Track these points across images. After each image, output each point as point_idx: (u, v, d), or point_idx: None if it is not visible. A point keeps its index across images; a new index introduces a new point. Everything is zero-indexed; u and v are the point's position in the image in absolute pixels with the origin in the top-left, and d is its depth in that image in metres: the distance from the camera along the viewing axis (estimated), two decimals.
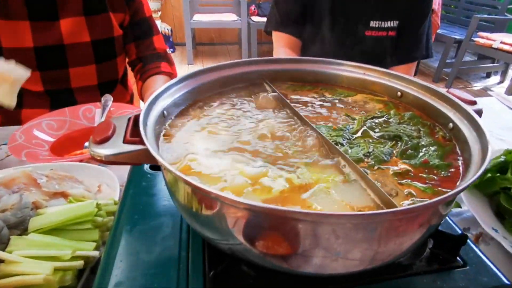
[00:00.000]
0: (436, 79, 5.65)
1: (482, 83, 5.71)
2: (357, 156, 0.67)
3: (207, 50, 6.90)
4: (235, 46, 7.03)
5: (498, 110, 1.67)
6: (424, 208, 0.45)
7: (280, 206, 0.55)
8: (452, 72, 5.35)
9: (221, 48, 7.02)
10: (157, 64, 1.72)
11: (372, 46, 1.73)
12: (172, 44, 6.54)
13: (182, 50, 6.42)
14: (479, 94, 5.27)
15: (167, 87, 0.76)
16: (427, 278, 0.63)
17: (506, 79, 5.55)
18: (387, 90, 0.90)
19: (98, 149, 0.58)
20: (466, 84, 5.64)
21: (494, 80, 5.78)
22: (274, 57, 0.97)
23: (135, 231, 0.71)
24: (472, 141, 0.65)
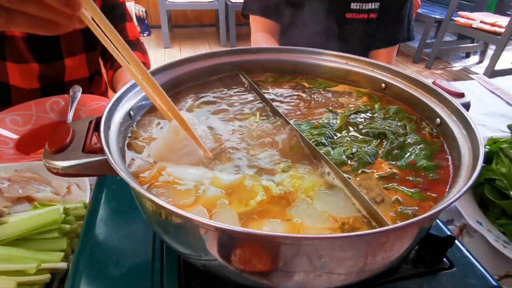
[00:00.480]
0: (416, 59, 5.66)
1: (461, 63, 5.74)
2: (341, 159, 0.62)
3: (184, 32, 6.72)
4: (213, 28, 6.87)
5: (480, 94, 1.66)
6: (410, 225, 0.40)
7: (258, 219, 0.50)
8: (432, 52, 5.36)
9: (198, 30, 6.85)
10: None
11: (353, 29, 1.68)
12: (147, 27, 6.33)
13: (158, 33, 6.22)
14: (459, 74, 5.31)
15: (132, 85, 0.69)
16: (413, 283, 0.61)
17: (485, 58, 5.59)
18: (371, 81, 0.86)
19: (54, 160, 0.52)
20: (446, 65, 5.66)
21: (474, 60, 5.83)
22: (250, 47, 0.91)
23: (105, 241, 0.66)
24: (461, 139, 0.62)
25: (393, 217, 0.52)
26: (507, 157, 0.91)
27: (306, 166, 0.62)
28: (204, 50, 5.95)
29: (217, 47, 6.20)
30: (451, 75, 5.29)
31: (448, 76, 5.25)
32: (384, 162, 0.64)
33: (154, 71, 0.76)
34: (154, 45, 6.07)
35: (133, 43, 1.66)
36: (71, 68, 1.49)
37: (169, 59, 4.95)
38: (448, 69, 5.52)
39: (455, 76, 5.27)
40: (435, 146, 0.67)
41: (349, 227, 0.50)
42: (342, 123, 0.73)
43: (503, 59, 4.52)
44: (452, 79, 5.15)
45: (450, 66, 5.63)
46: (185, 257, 0.58)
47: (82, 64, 1.53)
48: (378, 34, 1.73)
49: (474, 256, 0.82)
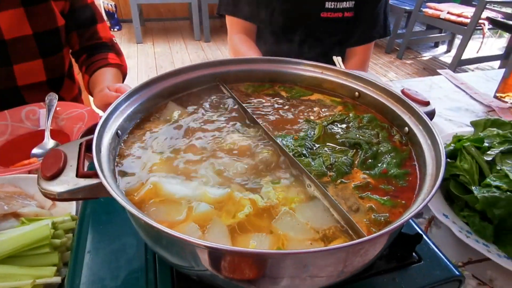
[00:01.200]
0: (388, 50, 5.81)
1: (431, 52, 5.93)
2: (321, 170, 0.67)
3: (157, 26, 6.62)
4: (186, 22, 6.80)
5: (447, 89, 1.74)
6: (380, 236, 0.46)
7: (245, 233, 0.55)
8: (403, 43, 5.52)
9: (171, 24, 6.76)
10: (103, 56, 1.59)
11: (328, 28, 1.72)
12: (117, 22, 6.15)
13: (130, 27, 6.10)
14: (428, 64, 5.49)
15: (118, 104, 0.72)
16: (387, 277, 0.66)
17: (453, 48, 5.79)
18: (345, 90, 0.91)
19: (50, 186, 0.54)
20: (416, 54, 5.83)
21: (442, 49, 6.03)
22: (229, 58, 0.94)
23: (97, 255, 0.68)
24: (426, 148, 0.67)
25: (367, 224, 0.58)
26: (469, 154, 0.99)
27: (288, 178, 0.66)
28: (178, 45, 5.92)
29: (191, 40, 6.15)
30: (421, 65, 5.46)
31: (418, 66, 5.41)
32: (360, 171, 0.69)
33: (138, 88, 0.79)
34: (126, 40, 5.95)
35: (106, 45, 1.64)
36: (24, 73, 1.45)
37: (142, 55, 4.86)
38: (418, 58, 5.69)
39: (424, 65, 5.44)
40: (404, 154, 0.73)
41: (329, 237, 0.55)
42: (320, 134, 0.78)
43: (469, 48, 4.69)
44: (422, 68, 5.32)
45: (420, 56, 5.80)
46: (177, 267, 0.61)
47: (39, 69, 1.48)
48: (354, 32, 1.76)
49: (441, 246, 0.89)
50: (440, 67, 5.37)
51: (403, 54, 5.60)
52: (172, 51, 5.71)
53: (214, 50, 5.87)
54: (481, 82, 1.80)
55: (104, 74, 1.53)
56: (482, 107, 1.57)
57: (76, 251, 0.69)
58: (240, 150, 0.73)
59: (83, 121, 1.25)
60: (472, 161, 0.96)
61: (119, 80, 1.57)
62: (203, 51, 5.80)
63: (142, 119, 0.80)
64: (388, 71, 5.24)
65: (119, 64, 1.62)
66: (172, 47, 5.85)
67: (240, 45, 1.72)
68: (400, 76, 5.10)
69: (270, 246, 0.54)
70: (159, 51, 5.67)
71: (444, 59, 5.63)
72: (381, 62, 5.53)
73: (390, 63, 5.51)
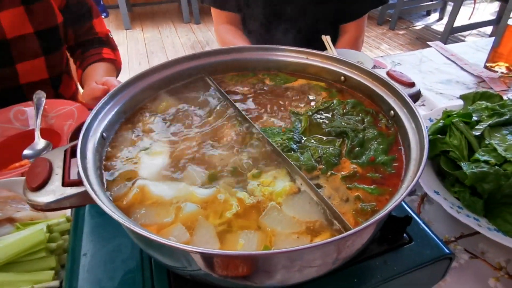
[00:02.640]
0: (380, 21, 5.73)
1: (423, 21, 5.85)
2: (311, 164, 0.67)
3: (144, 11, 6.49)
4: (175, 5, 6.66)
5: (437, 61, 1.73)
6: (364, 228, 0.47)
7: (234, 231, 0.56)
8: (395, 13, 5.44)
9: (159, 8, 6.63)
10: (98, 50, 1.58)
11: (316, 9, 1.69)
12: (104, 8, 6.01)
13: (117, 14, 5.98)
14: (421, 33, 5.42)
15: (102, 105, 0.71)
16: (379, 260, 0.67)
17: (445, 15, 5.70)
18: (331, 75, 0.90)
19: (36, 197, 0.53)
20: (408, 24, 5.75)
21: (434, 17, 5.94)
22: (214, 49, 0.93)
23: (93, 257, 0.68)
24: (411, 131, 0.67)
25: (353, 214, 0.59)
26: (458, 130, 0.99)
27: (275, 171, 0.67)
28: (168, 28, 5.83)
29: (180, 23, 6.05)
30: (414, 34, 5.40)
31: (411, 36, 5.35)
32: (348, 161, 0.69)
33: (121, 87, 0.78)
34: (114, 27, 5.85)
35: (102, 40, 1.63)
36: (26, 72, 1.45)
37: (132, 42, 4.79)
38: (411, 28, 5.62)
39: (417, 35, 5.38)
40: (390, 138, 0.73)
41: (316, 229, 0.56)
42: (306, 125, 0.78)
43: (461, 15, 4.62)
44: (415, 38, 5.27)
45: (412, 25, 5.73)
46: (171, 268, 0.62)
47: (41, 67, 1.49)
48: (345, 8, 1.72)
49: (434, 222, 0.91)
50: (433, 35, 5.30)
51: (395, 24, 5.52)
52: (162, 36, 5.62)
53: (205, 31, 5.79)
54: (471, 53, 1.78)
55: (96, 69, 1.52)
56: (473, 78, 1.57)
57: (72, 254, 0.69)
58: (223, 142, 0.74)
59: (73, 118, 1.24)
60: (461, 136, 0.96)
61: (112, 74, 1.57)
62: (194, 34, 5.72)
63: (127, 118, 0.80)
64: (381, 43, 5.19)
65: (113, 59, 1.62)
66: (162, 32, 5.76)
67: (226, 35, 1.71)
68: (393, 47, 5.05)
69: (258, 243, 0.55)
70: (148, 36, 5.58)
71: (437, 27, 5.56)
72: (373, 34, 5.46)
73: (383, 35, 5.45)
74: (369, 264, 0.66)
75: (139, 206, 0.60)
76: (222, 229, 0.56)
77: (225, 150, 0.72)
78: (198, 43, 5.41)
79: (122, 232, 0.72)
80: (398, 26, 5.60)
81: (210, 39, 5.53)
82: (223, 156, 0.70)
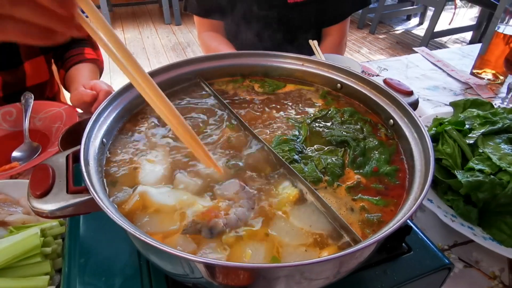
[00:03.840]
0: (360, 25, 5.80)
1: (403, 26, 5.96)
2: (316, 176, 0.66)
3: (125, 11, 6.40)
4: (155, 5, 6.60)
5: (424, 68, 1.75)
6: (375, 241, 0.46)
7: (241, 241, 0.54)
8: (375, 17, 5.52)
9: (140, 8, 6.55)
10: (80, 50, 1.54)
11: (298, 14, 1.69)
12: None
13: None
14: (401, 37, 5.52)
15: (101, 111, 0.69)
16: (379, 269, 0.67)
17: (425, 20, 5.83)
18: (327, 82, 0.90)
19: (41, 205, 0.52)
20: (389, 28, 5.85)
21: (414, 22, 6.06)
22: (209, 54, 0.91)
23: (90, 263, 0.66)
24: (413, 141, 0.67)
25: (360, 225, 0.58)
26: (451, 138, 0.99)
27: (280, 181, 0.65)
28: (148, 29, 5.75)
29: (161, 24, 5.98)
30: (394, 39, 5.49)
31: (391, 40, 5.44)
32: (352, 171, 0.68)
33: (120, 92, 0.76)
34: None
35: (82, 39, 1.59)
36: (31, 72, 1.42)
37: None
38: (391, 32, 5.71)
39: (398, 39, 5.47)
40: (391, 148, 0.72)
41: (324, 241, 0.55)
42: (306, 135, 0.76)
43: (442, 20, 4.72)
44: (395, 42, 5.35)
45: (392, 29, 5.83)
46: (171, 275, 0.60)
47: (42, 66, 1.46)
48: (327, 12, 1.73)
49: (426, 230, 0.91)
50: (413, 40, 5.41)
51: (375, 28, 5.61)
52: (142, 36, 5.55)
53: (186, 33, 5.73)
54: (456, 59, 1.81)
55: (80, 70, 1.48)
56: (460, 84, 1.59)
57: (69, 260, 0.67)
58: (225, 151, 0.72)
59: (62, 120, 1.23)
60: (454, 144, 0.97)
61: (96, 75, 1.54)
62: (175, 35, 5.66)
63: (125, 124, 0.78)
64: (361, 47, 5.25)
65: (95, 58, 1.57)
66: (142, 32, 5.69)
67: (211, 42, 1.71)
68: (373, 51, 5.12)
69: (265, 254, 0.53)
70: (129, 37, 5.50)
71: (417, 32, 5.68)
72: (353, 38, 5.53)
73: (363, 39, 5.52)
74: (369, 273, 0.66)
75: (141, 213, 0.59)
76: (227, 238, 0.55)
77: (225, 157, 0.70)
78: (179, 45, 5.36)
79: (118, 238, 0.70)
80: (378, 30, 5.68)
81: (191, 41, 5.48)
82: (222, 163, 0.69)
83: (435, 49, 1.99)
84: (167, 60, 4.88)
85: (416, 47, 1.97)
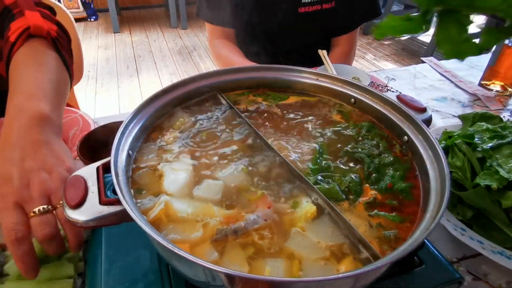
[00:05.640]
0: (366, 31, 5.82)
1: None
2: (340, 197, 0.67)
3: (133, 15, 6.46)
4: (162, 9, 6.66)
5: (431, 78, 1.77)
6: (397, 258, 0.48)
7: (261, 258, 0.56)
8: None
9: (147, 12, 6.61)
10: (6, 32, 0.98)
11: (308, 23, 1.71)
12: (94, 11, 6.03)
13: (106, 17, 5.98)
14: (407, 44, 5.54)
15: (126, 124, 0.72)
16: (391, 282, 0.68)
17: (431, 26, 5.83)
18: (341, 97, 0.91)
19: (75, 215, 0.55)
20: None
21: None
22: (225, 68, 0.93)
23: (113, 269, 0.68)
24: (428, 160, 0.69)
25: (377, 242, 0.60)
26: (460, 151, 1.01)
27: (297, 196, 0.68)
28: (155, 33, 5.80)
29: (168, 28, 6.03)
30: (399, 45, 5.51)
31: (397, 46, 5.46)
32: (368, 188, 0.70)
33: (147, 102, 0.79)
34: (103, 30, 5.81)
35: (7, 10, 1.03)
36: None
37: (120, 45, 4.79)
38: (397, 39, 5.73)
39: (403, 46, 5.49)
40: (406, 164, 0.74)
41: (341, 254, 0.58)
42: (325, 150, 0.78)
43: None
44: (400, 49, 5.37)
45: (398, 36, 5.84)
46: (192, 282, 0.63)
47: None
48: (337, 22, 1.76)
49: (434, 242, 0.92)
50: (418, 46, 5.42)
51: None
52: (149, 40, 5.60)
53: (192, 37, 5.78)
54: (464, 70, 1.83)
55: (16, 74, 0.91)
56: (468, 96, 1.61)
57: (94, 265, 0.69)
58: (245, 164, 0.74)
59: (78, 125, 1.24)
60: (464, 158, 0.98)
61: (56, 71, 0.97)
62: (181, 39, 5.71)
63: (149, 135, 0.81)
64: (366, 53, 5.28)
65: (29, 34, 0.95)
66: (149, 36, 5.74)
67: (222, 49, 1.73)
68: (379, 57, 5.14)
69: (285, 268, 0.55)
70: (136, 40, 5.55)
71: (423, 38, 5.69)
72: (358, 44, 5.55)
73: (368, 45, 5.54)
74: (382, 285, 0.67)
75: (165, 221, 0.61)
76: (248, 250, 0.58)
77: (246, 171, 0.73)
78: (185, 48, 5.40)
79: (140, 243, 0.73)
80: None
81: (197, 45, 5.52)
82: (242, 176, 0.72)
83: (441, 56, 2.00)
84: (173, 63, 4.92)
85: (421, 54, 1.99)
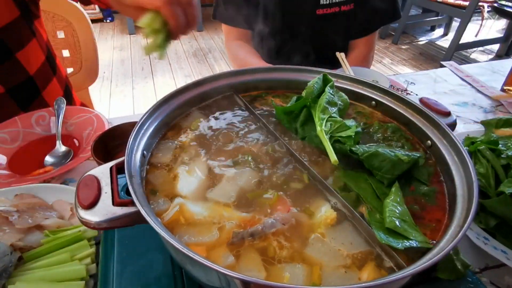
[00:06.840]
0: (383, 35, 5.76)
1: (427, 36, 5.89)
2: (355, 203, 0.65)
3: None
4: None
5: (452, 82, 1.73)
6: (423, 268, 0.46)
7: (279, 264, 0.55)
8: (399, 27, 5.47)
9: None
10: None
11: (326, 25, 1.70)
12: (109, 13, 6.11)
13: (122, 18, 6.05)
14: (425, 48, 5.46)
15: (142, 123, 0.71)
16: None
17: (450, 31, 5.75)
18: (362, 99, 0.90)
19: (88, 216, 0.54)
20: (412, 39, 5.79)
21: (439, 33, 5.99)
22: (243, 69, 0.93)
23: (126, 272, 0.68)
24: (453, 165, 0.66)
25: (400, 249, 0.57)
26: (484, 157, 0.98)
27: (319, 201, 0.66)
28: None
29: None
30: (417, 50, 5.43)
31: (415, 51, 5.38)
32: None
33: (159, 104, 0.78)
34: (119, 31, 5.87)
35: None
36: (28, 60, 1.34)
37: (135, 46, 4.81)
38: (414, 43, 5.66)
39: (421, 50, 5.41)
40: (430, 169, 0.71)
41: (361, 262, 0.56)
42: None
43: (467, 32, 4.64)
44: (418, 53, 5.29)
45: (416, 40, 5.77)
46: (205, 286, 0.61)
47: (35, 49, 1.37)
48: (355, 24, 1.73)
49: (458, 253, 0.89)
50: (436, 51, 5.34)
51: (398, 38, 5.56)
52: None
53: (207, 39, 5.80)
54: (487, 74, 1.78)
55: None
56: (490, 101, 1.56)
57: (106, 268, 0.69)
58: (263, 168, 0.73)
59: (92, 125, 1.25)
60: (488, 164, 0.95)
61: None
62: (196, 41, 5.73)
63: (164, 135, 0.80)
64: (384, 57, 5.21)
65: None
66: None
67: (238, 51, 1.72)
68: (396, 62, 5.07)
69: (306, 275, 0.54)
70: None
71: (441, 43, 5.60)
72: (376, 48, 5.47)
73: (385, 49, 5.48)
74: None
75: (180, 224, 0.60)
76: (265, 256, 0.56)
77: (262, 172, 0.71)
78: (201, 50, 5.42)
79: (153, 246, 0.72)
80: (401, 40, 5.63)
81: (212, 47, 5.54)
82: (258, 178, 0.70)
83: (460, 61, 1.96)
84: (189, 65, 4.94)
85: (440, 58, 1.95)
